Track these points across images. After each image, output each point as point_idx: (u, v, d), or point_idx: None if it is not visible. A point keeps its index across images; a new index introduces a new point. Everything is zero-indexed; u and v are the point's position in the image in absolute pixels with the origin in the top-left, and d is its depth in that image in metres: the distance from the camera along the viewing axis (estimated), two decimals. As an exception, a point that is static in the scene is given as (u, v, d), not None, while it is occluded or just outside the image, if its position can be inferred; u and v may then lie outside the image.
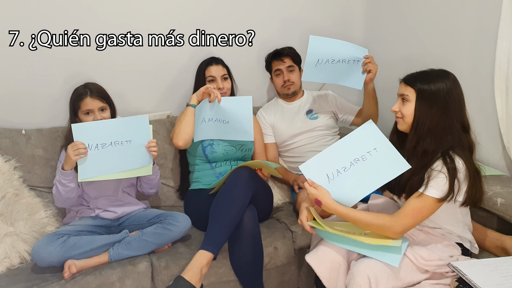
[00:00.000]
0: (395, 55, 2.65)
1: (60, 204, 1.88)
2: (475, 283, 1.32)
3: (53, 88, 2.14)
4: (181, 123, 2.01)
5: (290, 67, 2.38)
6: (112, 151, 1.76)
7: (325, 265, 1.54)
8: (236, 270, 1.83)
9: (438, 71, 1.53)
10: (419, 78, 1.52)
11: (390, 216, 1.49)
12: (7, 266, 1.69)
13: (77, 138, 1.72)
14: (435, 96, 1.48)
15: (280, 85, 2.41)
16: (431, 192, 1.44)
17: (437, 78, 1.50)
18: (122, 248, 1.75)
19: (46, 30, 2.07)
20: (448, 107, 1.47)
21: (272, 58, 2.41)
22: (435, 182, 1.44)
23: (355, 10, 2.84)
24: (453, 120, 1.48)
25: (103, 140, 1.75)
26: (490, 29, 2.00)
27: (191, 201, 2.13)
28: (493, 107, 1.99)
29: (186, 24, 2.39)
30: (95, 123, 1.79)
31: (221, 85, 2.18)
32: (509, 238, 1.69)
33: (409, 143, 1.53)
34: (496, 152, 2.05)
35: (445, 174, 1.43)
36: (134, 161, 1.82)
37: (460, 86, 1.52)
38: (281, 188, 2.33)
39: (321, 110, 2.42)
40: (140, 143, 1.81)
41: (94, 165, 1.74)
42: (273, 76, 2.44)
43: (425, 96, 1.49)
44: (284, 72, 2.38)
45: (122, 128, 1.78)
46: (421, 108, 1.49)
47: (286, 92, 2.42)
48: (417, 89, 1.50)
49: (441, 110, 1.47)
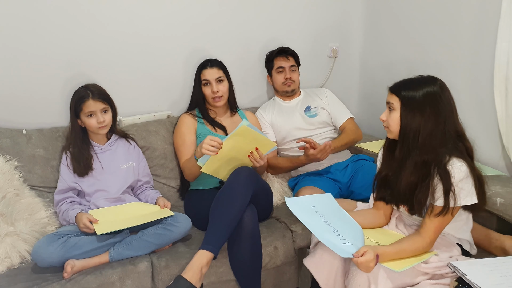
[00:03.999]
0: (394, 57, 2.66)
1: None
2: (475, 283, 1.32)
3: (53, 88, 2.14)
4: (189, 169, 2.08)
5: (292, 67, 2.42)
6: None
7: (322, 269, 1.54)
8: (235, 269, 1.83)
9: (425, 78, 1.49)
10: (403, 85, 1.48)
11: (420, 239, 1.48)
12: (8, 266, 1.69)
13: None
14: (420, 103, 1.43)
15: (281, 82, 2.43)
16: (456, 203, 1.42)
17: (422, 85, 1.45)
18: (123, 248, 1.76)
19: (46, 31, 2.07)
20: (436, 114, 1.43)
21: (277, 55, 2.43)
22: (461, 191, 1.42)
23: (353, 13, 2.85)
24: (444, 127, 1.44)
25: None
26: (490, 29, 2.01)
27: (191, 201, 2.13)
28: (493, 107, 1.99)
29: (186, 24, 2.39)
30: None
31: (215, 88, 2.18)
32: (508, 238, 1.69)
33: (398, 153, 1.51)
34: (495, 152, 2.06)
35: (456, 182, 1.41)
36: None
37: (448, 91, 1.48)
38: (281, 188, 2.33)
39: (318, 106, 2.44)
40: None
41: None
42: (273, 73, 2.46)
43: (410, 104, 1.45)
44: (286, 70, 2.41)
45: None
46: (406, 116, 1.45)
47: (286, 90, 2.43)
48: (401, 97, 1.46)
49: (429, 118, 1.43)
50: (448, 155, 1.44)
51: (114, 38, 2.23)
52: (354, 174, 2.28)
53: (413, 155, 1.46)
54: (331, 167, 2.33)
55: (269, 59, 2.49)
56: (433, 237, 1.48)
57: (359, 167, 2.29)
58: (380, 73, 2.79)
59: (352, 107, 2.74)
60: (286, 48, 2.46)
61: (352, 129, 2.41)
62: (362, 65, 2.94)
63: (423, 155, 1.45)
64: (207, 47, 2.44)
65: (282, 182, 2.36)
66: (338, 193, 2.24)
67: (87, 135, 2.00)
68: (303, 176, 2.32)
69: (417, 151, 1.45)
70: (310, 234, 1.89)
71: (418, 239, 1.48)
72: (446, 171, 1.42)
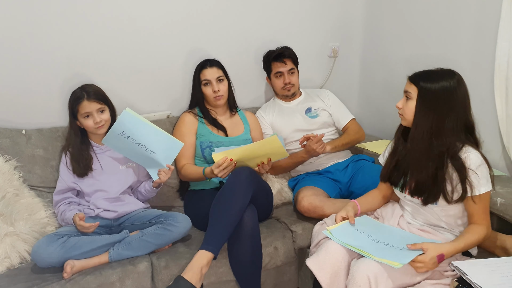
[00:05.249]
0: (394, 55, 2.65)
1: None
2: (476, 283, 1.32)
3: (53, 88, 2.14)
4: (190, 176, 2.11)
5: (291, 70, 2.40)
6: (136, 148, 1.92)
7: (325, 270, 1.54)
8: (235, 269, 1.83)
9: (444, 71, 1.53)
10: (423, 76, 1.53)
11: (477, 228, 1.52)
12: (7, 266, 1.69)
13: (120, 122, 1.84)
14: (436, 95, 1.48)
15: (280, 87, 2.42)
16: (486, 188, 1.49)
17: (441, 78, 1.50)
18: (123, 249, 1.75)
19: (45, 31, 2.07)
20: (451, 108, 1.48)
21: (273, 60, 2.40)
22: (478, 178, 1.47)
23: (355, 10, 2.85)
24: (456, 120, 1.49)
25: (137, 137, 1.89)
26: (490, 29, 2.01)
27: (191, 201, 2.13)
28: (493, 107, 1.99)
29: (186, 24, 2.38)
30: (142, 121, 1.90)
31: (216, 87, 2.18)
32: (509, 238, 1.69)
33: (410, 141, 1.55)
34: (496, 152, 2.06)
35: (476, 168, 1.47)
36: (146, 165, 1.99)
37: (465, 86, 1.53)
38: (281, 188, 2.33)
39: (319, 107, 2.44)
40: (160, 160, 1.95)
41: (117, 143, 1.91)
42: (272, 77, 2.44)
43: (427, 95, 1.50)
44: (285, 74, 2.39)
45: (158, 139, 1.93)
46: (421, 107, 1.51)
47: (286, 94, 2.43)
48: (420, 87, 1.51)
49: (443, 110, 1.48)
50: (461, 144, 1.49)
51: (114, 38, 2.22)
52: (354, 174, 2.28)
53: (426, 145, 1.51)
54: (331, 167, 2.33)
55: (266, 63, 2.46)
56: (488, 219, 1.53)
57: (360, 167, 2.29)
58: (380, 73, 2.79)
59: (352, 107, 2.74)
60: (282, 50, 2.41)
61: (354, 130, 2.42)
62: (362, 65, 2.94)
63: (436, 145, 1.50)
64: (207, 47, 2.43)
65: (282, 182, 2.36)
66: (338, 193, 2.23)
67: (86, 136, 1.99)
68: (303, 176, 2.32)
69: (430, 141, 1.50)
70: (310, 234, 1.89)
71: (478, 228, 1.52)
72: (460, 159, 1.48)
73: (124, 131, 1.86)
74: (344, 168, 2.32)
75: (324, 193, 2.13)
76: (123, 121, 1.85)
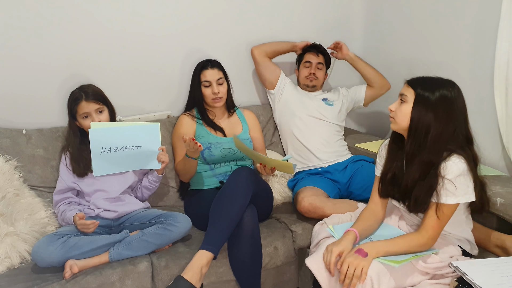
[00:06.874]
0: (394, 56, 2.66)
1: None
2: (476, 283, 1.32)
3: (53, 88, 2.14)
4: (184, 168, 2.10)
5: (319, 64, 2.50)
6: (124, 154, 1.90)
7: (324, 269, 1.54)
8: (235, 269, 1.83)
9: (443, 80, 1.50)
10: (422, 82, 1.50)
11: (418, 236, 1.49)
12: (8, 266, 1.68)
13: (93, 141, 1.83)
14: (434, 104, 1.45)
15: (304, 75, 2.52)
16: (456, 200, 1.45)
17: (440, 87, 1.47)
18: (123, 248, 1.75)
19: (45, 31, 2.07)
20: (448, 118, 1.44)
21: (309, 49, 2.52)
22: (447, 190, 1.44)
23: (355, 11, 2.85)
24: (454, 131, 1.46)
25: (116, 144, 1.88)
26: (490, 29, 2.01)
27: (192, 201, 2.13)
28: (493, 107, 2.00)
29: (186, 24, 2.39)
30: (110, 128, 1.88)
31: (216, 89, 2.17)
32: (509, 238, 1.69)
33: (408, 147, 1.51)
34: (495, 152, 2.06)
35: (454, 179, 1.43)
36: (143, 164, 1.97)
37: (463, 98, 1.49)
38: (281, 188, 2.33)
39: (335, 100, 2.54)
40: (149, 149, 1.94)
41: (107, 164, 1.89)
42: (301, 66, 2.55)
43: (424, 101, 1.46)
44: (313, 65, 2.49)
45: (135, 134, 1.91)
46: (418, 112, 1.46)
47: (307, 83, 2.52)
48: (417, 92, 1.48)
49: (440, 120, 1.44)
50: (448, 153, 1.45)
51: (114, 38, 2.22)
52: (354, 174, 2.29)
53: (421, 153, 1.48)
54: (330, 167, 2.33)
55: (301, 54, 2.56)
56: (432, 234, 1.48)
57: (359, 167, 2.29)
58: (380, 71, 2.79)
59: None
60: (319, 45, 2.53)
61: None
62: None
63: (430, 155, 1.46)
64: (206, 47, 2.44)
65: (282, 182, 2.36)
66: (337, 194, 2.24)
67: (86, 136, 1.99)
68: (303, 176, 2.32)
69: (425, 150, 1.47)
70: (310, 234, 1.90)
71: (414, 236, 1.50)
72: (440, 168, 1.45)
73: (103, 147, 1.85)
74: (343, 169, 2.33)
75: (324, 193, 2.13)
76: (96, 139, 1.84)
